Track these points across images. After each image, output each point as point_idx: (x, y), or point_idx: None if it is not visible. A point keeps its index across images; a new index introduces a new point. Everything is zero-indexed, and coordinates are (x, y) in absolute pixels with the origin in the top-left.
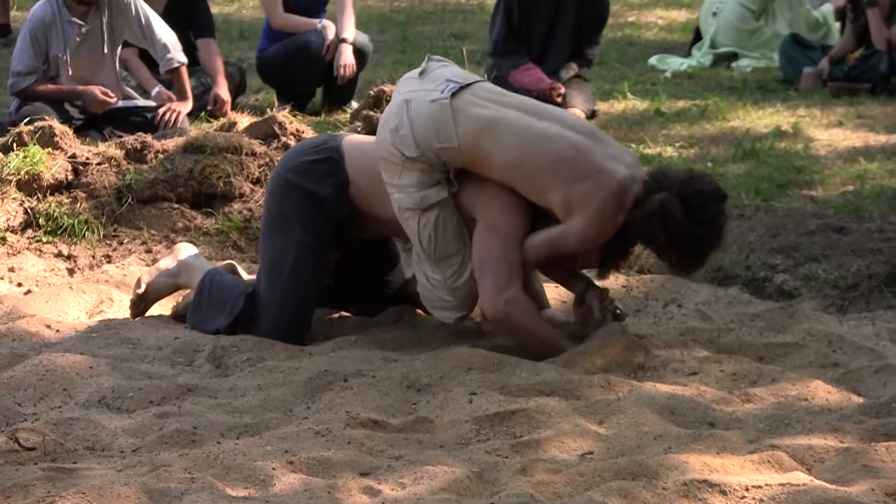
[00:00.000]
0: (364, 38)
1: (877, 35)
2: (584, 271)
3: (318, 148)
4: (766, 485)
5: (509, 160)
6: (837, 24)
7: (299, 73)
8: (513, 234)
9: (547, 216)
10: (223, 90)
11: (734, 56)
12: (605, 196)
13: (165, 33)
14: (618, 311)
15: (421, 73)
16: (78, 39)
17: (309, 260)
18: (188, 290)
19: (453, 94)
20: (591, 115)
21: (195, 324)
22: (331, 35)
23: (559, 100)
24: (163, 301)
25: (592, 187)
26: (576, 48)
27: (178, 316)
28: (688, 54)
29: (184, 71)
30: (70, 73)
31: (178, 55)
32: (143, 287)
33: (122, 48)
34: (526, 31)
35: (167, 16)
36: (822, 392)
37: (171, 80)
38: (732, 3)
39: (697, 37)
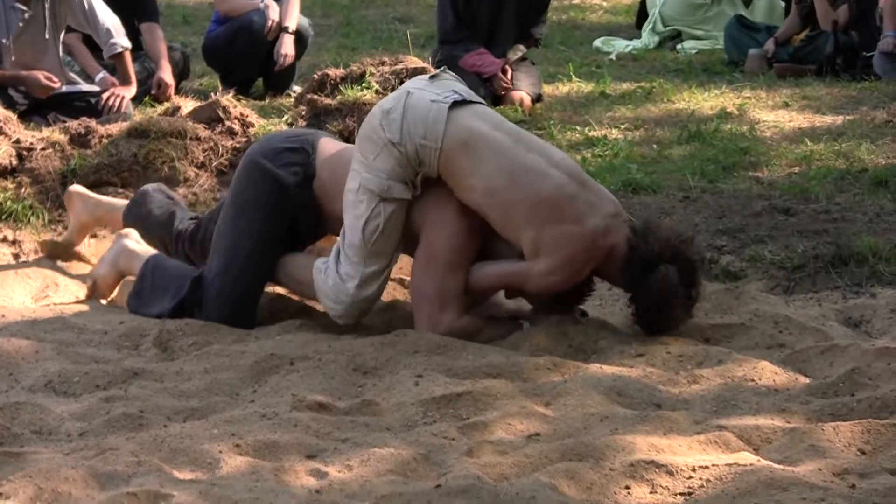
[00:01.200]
0: (305, 22)
1: (822, 16)
2: None
3: (294, 138)
4: (714, 465)
5: (488, 185)
6: (783, 6)
7: (241, 53)
8: (455, 263)
9: (497, 241)
10: (167, 74)
11: (679, 37)
12: (578, 248)
13: (109, 18)
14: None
15: (431, 77)
16: (21, 25)
17: (265, 249)
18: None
19: (454, 104)
20: (538, 98)
21: (136, 307)
22: (273, 16)
23: (508, 80)
24: None
25: (566, 235)
26: (522, 29)
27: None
28: (636, 29)
29: (127, 56)
30: (13, 58)
31: (121, 40)
32: (91, 280)
33: (66, 33)
34: (472, 16)
35: (111, 0)
36: (768, 373)
37: (114, 65)
38: None
39: (643, 12)
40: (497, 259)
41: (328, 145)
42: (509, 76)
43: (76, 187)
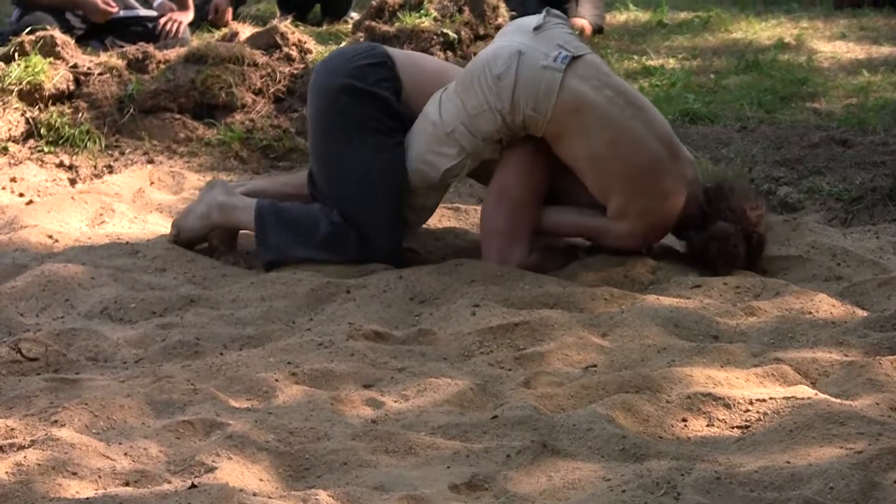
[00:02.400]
0: None
1: None
2: None
3: (368, 53)
4: (770, 398)
5: (590, 152)
6: None
7: None
8: (523, 201)
9: (568, 181)
10: None
11: None
12: (661, 220)
13: None
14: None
15: (536, 29)
16: None
17: (393, 163)
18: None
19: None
20: (599, 29)
21: (270, 258)
22: None
23: None
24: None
25: (654, 208)
26: None
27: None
28: None
29: None
30: None
31: None
32: (175, 230)
33: None
34: None
35: None
36: (826, 305)
37: None
38: None
39: None
40: (566, 199)
41: (402, 57)
42: None
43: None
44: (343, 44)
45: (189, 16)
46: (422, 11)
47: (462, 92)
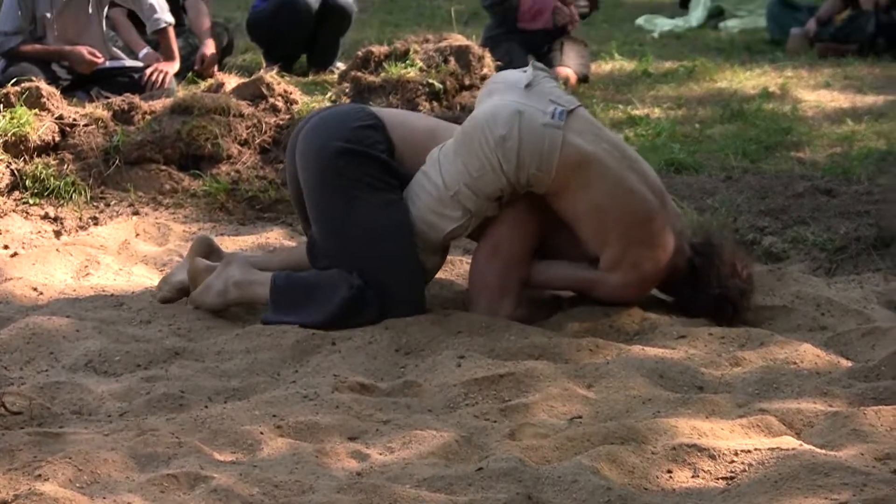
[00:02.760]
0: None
1: None
2: None
3: (358, 115)
4: (756, 449)
5: (590, 205)
6: None
7: (284, 28)
8: (515, 256)
9: (559, 235)
10: (210, 50)
11: (722, 16)
12: (654, 270)
13: None
14: None
15: (527, 86)
16: (64, 0)
17: (400, 216)
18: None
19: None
20: (584, 78)
21: (279, 319)
22: None
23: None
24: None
25: (647, 258)
26: None
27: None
28: (679, 8)
29: (171, 31)
30: (56, 33)
31: (164, 15)
32: (194, 307)
33: (110, 8)
34: None
35: None
36: (810, 355)
37: (158, 41)
38: None
39: None
40: (555, 255)
41: (391, 116)
42: (572, 8)
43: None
44: (329, 94)
45: (175, 66)
46: (407, 62)
47: (463, 154)
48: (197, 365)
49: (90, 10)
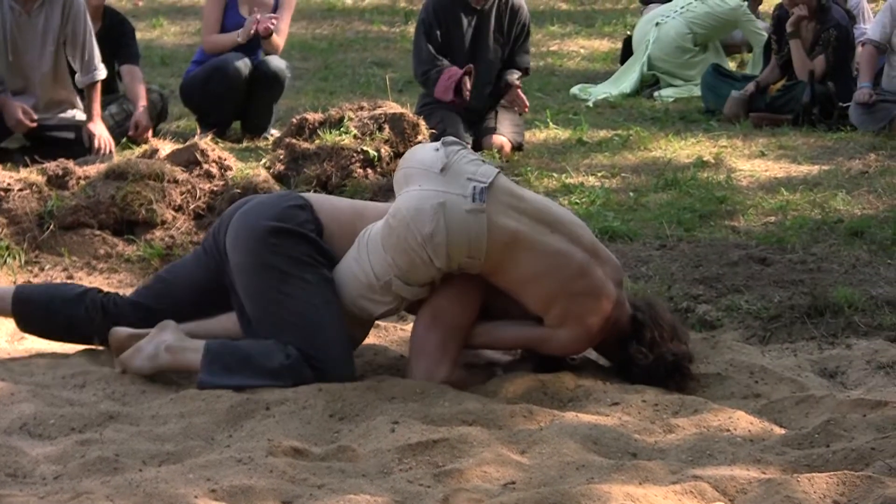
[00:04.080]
0: (282, 64)
1: (799, 66)
2: None
3: (286, 196)
4: None
5: (522, 277)
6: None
7: (217, 94)
8: (456, 324)
9: (498, 298)
10: (144, 115)
11: (657, 85)
12: (599, 319)
13: (96, 46)
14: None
15: (442, 169)
16: (15, 26)
17: (333, 293)
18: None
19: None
20: (518, 146)
21: (212, 382)
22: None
23: (468, 87)
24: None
25: (590, 309)
26: (509, 59)
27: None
28: (620, 63)
29: (99, 88)
30: (10, 58)
31: (101, 70)
32: (122, 369)
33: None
34: (449, 49)
35: (97, 41)
36: (744, 423)
37: (85, 94)
38: (679, 20)
39: (626, 52)
40: (500, 312)
41: (317, 199)
42: (469, 84)
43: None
44: (263, 160)
45: (101, 125)
46: (342, 129)
47: (391, 251)
48: (131, 429)
49: (43, 48)
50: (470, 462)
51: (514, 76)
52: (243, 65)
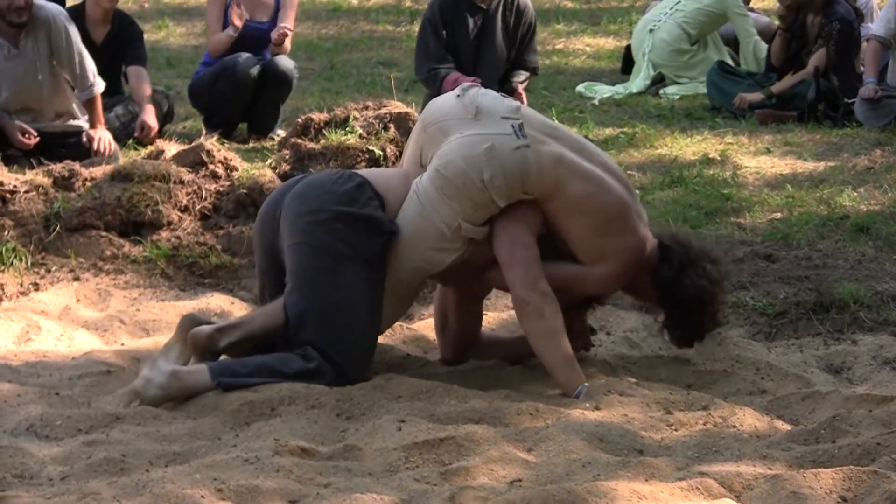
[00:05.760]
0: (289, 64)
1: (775, 57)
2: None
3: (345, 177)
4: None
5: (572, 201)
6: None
7: (223, 94)
8: (530, 243)
9: (548, 242)
10: (150, 117)
11: (662, 82)
12: (634, 258)
13: (88, 60)
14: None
15: (476, 116)
16: (6, 61)
17: (379, 300)
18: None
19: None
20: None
21: (230, 382)
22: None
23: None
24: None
25: (626, 246)
26: (517, 59)
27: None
28: (619, 74)
29: (100, 98)
30: (7, 94)
31: (98, 83)
32: (137, 399)
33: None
34: (454, 48)
35: (106, 45)
36: (750, 419)
37: (86, 107)
38: (671, 23)
39: (628, 58)
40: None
41: (368, 173)
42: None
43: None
44: (269, 161)
45: (106, 132)
46: (347, 128)
47: (454, 199)
48: (138, 429)
49: (39, 75)
50: (476, 460)
51: (519, 78)
52: (252, 64)
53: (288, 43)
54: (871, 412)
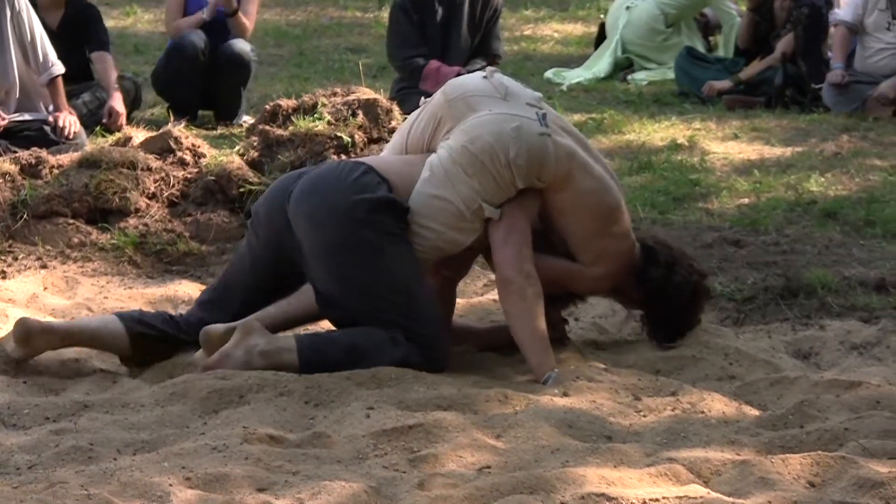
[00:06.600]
0: (245, 47)
1: (743, 37)
2: None
3: (350, 166)
4: (664, 497)
5: (574, 199)
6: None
7: (178, 72)
8: (526, 228)
9: (544, 238)
10: (118, 103)
11: (631, 68)
12: (627, 261)
13: (48, 43)
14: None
15: (505, 97)
16: None
17: (420, 267)
18: None
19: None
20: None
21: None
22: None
23: None
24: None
25: (623, 249)
26: (478, 46)
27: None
28: (595, 49)
29: (61, 81)
30: None
31: (58, 65)
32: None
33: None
34: (422, 37)
35: (62, 30)
36: (718, 405)
37: (49, 91)
38: (650, 2)
39: (601, 37)
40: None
41: (370, 159)
42: None
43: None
44: (237, 147)
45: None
46: (315, 115)
47: (476, 175)
48: (106, 417)
49: (4, 59)
50: (445, 447)
51: (473, 68)
52: (199, 39)
53: (248, 22)
54: (838, 397)
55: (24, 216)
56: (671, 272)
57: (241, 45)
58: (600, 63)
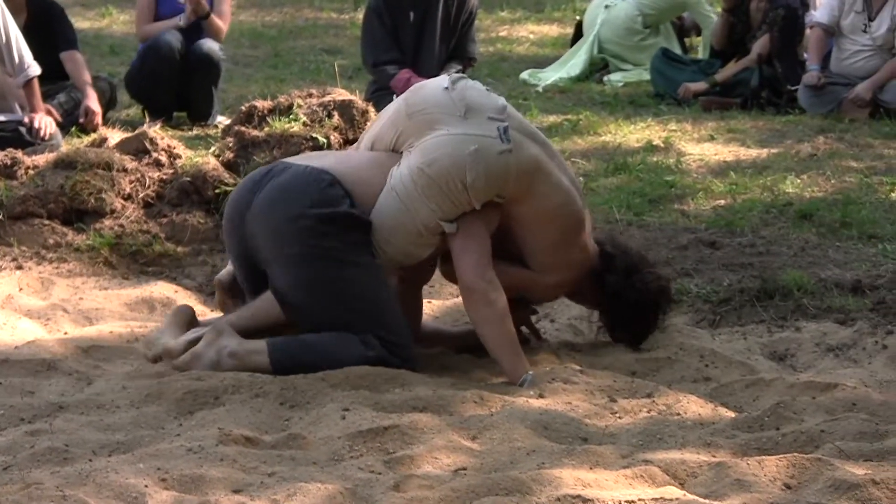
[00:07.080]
0: (214, 46)
1: (717, 38)
2: None
3: (315, 176)
4: (640, 499)
5: (535, 208)
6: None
7: (153, 74)
8: (485, 238)
9: (499, 245)
10: (93, 102)
11: (606, 69)
12: (583, 273)
13: (24, 44)
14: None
15: (465, 114)
16: None
17: (381, 273)
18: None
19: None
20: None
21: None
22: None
23: None
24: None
25: (577, 261)
26: (452, 49)
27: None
28: (570, 46)
29: (37, 82)
30: None
31: (34, 66)
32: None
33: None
34: (396, 37)
35: (28, 32)
36: (694, 406)
37: (24, 92)
38: (629, 2)
39: (578, 36)
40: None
41: (338, 168)
42: None
43: None
44: (212, 148)
45: (42, 114)
46: (291, 116)
47: (433, 199)
48: (81, 418)
49: None
50: (421, 448)
51: (449, 72)
52: (175, 39)
53: (222, 24)
54: (814, 399)
55: (0, 217)
56: (629, 280)
57: (210, 45)
58: (575, 60)
